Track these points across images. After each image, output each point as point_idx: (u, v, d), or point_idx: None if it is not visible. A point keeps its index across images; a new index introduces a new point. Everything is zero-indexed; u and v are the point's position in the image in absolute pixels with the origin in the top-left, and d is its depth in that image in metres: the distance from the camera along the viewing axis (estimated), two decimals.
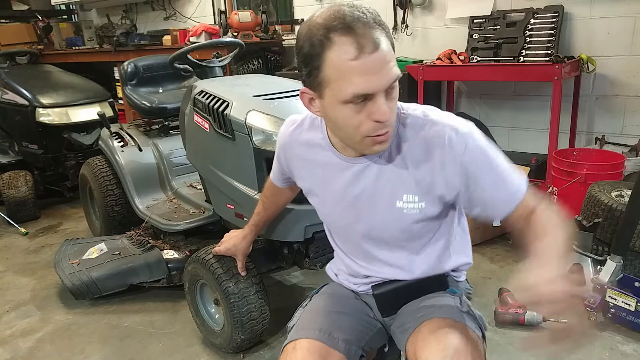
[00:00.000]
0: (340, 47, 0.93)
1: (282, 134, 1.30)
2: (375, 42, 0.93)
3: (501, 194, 1.07)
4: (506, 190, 1.07)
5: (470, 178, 1.05)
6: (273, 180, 1.47)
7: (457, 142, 1.04)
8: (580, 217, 2.33)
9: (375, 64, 0.93)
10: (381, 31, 0.95)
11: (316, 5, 4.31)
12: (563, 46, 3.18)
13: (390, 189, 1.11)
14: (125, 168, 2.71)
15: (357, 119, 0.98)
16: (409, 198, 1.11)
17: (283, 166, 1.34)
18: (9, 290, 2.67)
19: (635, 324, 2.00)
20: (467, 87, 3.80)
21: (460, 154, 1.04)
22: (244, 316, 1.83)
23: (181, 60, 2.41)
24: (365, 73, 0.93)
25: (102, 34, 5.54)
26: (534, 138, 3.51)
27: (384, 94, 0.97)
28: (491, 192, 1.07)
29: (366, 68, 0.93)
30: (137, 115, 3.51)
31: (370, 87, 0.95)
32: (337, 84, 0.96)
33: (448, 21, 3.67)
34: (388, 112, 0.98)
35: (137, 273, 2.37)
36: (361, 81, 0.94)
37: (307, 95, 1.06)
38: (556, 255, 0.97)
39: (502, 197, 1.07)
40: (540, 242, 1.02)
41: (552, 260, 0.96)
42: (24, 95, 3.59)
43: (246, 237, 1.69)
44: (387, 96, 0.98)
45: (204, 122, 2.01)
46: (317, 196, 1.25)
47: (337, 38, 0.93)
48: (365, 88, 0.94)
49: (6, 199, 3.52)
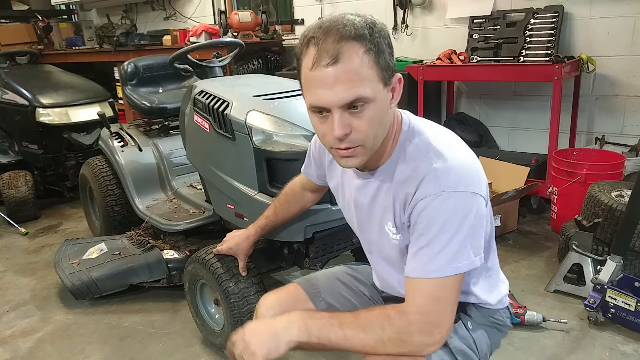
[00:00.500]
0: (306, 57, 0.95)
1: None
2: (335, 56, 0.91)
3: (415, 259, 1.00)
4: (418, 261, 0.99)
5: (412, 226, 1.02)
6: (307, 175, 1.46)
7: (428, 188, 0.98)
8: (580, 217, 2.33)
9: (329, 78, 0.92)
10: (356, 45, 0.91)
11: (316, 5, 4.32)
12: (563, 46, 3.18)
13: (381, 212, 1.11)
14: (125, 168, 2.71)
15: (321, 129, 1.00)
16: (390, 226, 1.10)
17: (317, 162, 1.37)
18: (9, 290, 2.67)
19: (635, 324, 2.00)
20: (467, 87, 3.80)
21: (420, 198, 0.99)
22: (244, 316, 1.83)
23: (181, 60, 2.41)
24: (319, 85, 0.93)
25: (102, 34, 5.54)
26: (534, 138, 3.51)
27: (341, 110, 0.94)
28: (413, 249, 1.02)
29: (319, 80, 0.93)
30: (137, 115, 3.51)
31: (321, 100, 0.94)
32: (305, 91, 0.99)
33: (448, 21, 3.67)
34: (340, 129, 0.94)
35: (137, 273, 2.37)
36: (315, 92, 0.95)
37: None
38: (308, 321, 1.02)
39: (413, 262, 1.01)
40: (361, 313, 1.03)
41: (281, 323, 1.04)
42: (24, 95, 3.59)
43: (249, 238, 1.69)
44: (352, 114, 0.95)
45: (204, 122, 2.01)
46: (339, 197, 1.28)
47: (310, 46, 0.94)
48: (317, 100, 0.95)
49: (6, 199, 3.51)
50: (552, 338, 2.03)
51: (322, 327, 1.01)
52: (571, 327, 2.08)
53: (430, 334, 0.98)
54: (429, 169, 0.99)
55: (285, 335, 1.02)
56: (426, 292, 0.98)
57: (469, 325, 1.17)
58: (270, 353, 1.02)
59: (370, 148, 1.00)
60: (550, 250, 2.76)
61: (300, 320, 1.03)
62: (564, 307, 2.23)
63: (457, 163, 1.00)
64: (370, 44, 0.93)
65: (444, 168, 0.98)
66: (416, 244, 1.00)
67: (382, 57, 0.95)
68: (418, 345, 0.98)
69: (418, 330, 0.97)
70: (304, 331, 1.02)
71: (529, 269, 2.56)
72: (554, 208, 2.93)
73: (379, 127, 0.99)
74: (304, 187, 1.52)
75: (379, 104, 0.97)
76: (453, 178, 0.97)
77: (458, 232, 0.96)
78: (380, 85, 0.96)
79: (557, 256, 2.62)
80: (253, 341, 1.04)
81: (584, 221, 2.27)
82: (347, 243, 2.03)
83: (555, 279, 2.34)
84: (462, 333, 1.14)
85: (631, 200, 1.97)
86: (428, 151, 1.02)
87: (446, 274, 0.97)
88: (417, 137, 1.06)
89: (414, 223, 1.01)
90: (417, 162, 1.02)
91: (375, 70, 0.94)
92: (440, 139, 1.05)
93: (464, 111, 3.83)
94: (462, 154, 1.04)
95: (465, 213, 0.97)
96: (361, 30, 0.92)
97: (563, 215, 2.81)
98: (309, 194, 1.54)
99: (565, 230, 2.51)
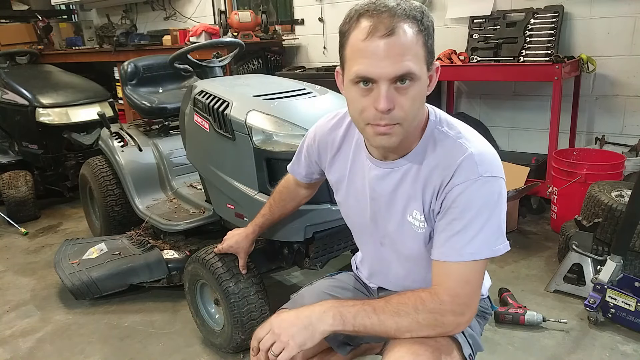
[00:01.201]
0: (359, 28, 0.96)
1: (322, 124, 1.31)
2: (391, 29, 0.92)
3: (449, 243, 1.01)
4: (453, 246, 1.01)
5: (443, 211, 1.03)
6: (293, 173, 1.46)
7: (466, 173, 0.99)
8: (580, 217, 2.33)
9: (383, 49, 0.93)
10: (410, 24, 0.94)
11: (316, 5, 4.31)
12: (563, 46, 3.18)
13: (404, 201, 1.11)
14: (125, 168, 2.71)
15: (361, 103, 0.99)
16: (416, 215, 1.10)
17: (313, 158, 1.35)
18: (9, 290, 2.67)
19: (635, 324, 2.00)
20: (467, 87, 3.80)
21: (457, 183, 1.00)
22: (244, 316, 1.83)
23: (181, 60, 2.41)
24: (370, 56, 0.94)
25: (102, 34, 5.54)
26: (534, 138, 3.51)
27: (389, 83, 0.95)
28: (444, 234, 1.03)
29: (372, 51, 0.94)
30: (137, 115, 3.51)
31: (372, 71, 0.94)
32: (350, 62, 0.98)
33: (448, 21, 3.67)
34: (387, 102, 0.94)
35: (137, 273, 2.37)
36: (365, 62, 0.95)
37: (339, 73, 1.08)
38: (351, 311, 1.02)
39: (445, 246, 1.02)
40: (394, 298, 1.04)
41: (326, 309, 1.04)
42: (24, 95, 3.59)
43: (249, 236, 1.69)
44: (398, 89, 0.96)
45: (204, 122, 2.01)
46: (342, 190, 1.27)
47: (361, 20, 0.96)
48: (367, 71, 0.95)
49: (6, 199, 3.51)
50: (552, 338, 2.03)
51: (356, 313, 1.02)
52: (571, 327, 2.08)
53: (462, 314, 1.02)
54: (465, 154, 1.01)
55: (320, 325, 1.03)
56: (458, 275, 1.01)
57: None
58: (306, 343, 1.02)
59: (407, 129, 1.01)
60: (550, 250, 2.76)
61: (334, 309, 1.04)
62: (564, 307, 2.23)
63: (488, 149, 1.04)
64: (422, 25, 0.96)
65: (479, 153, 1.01)
66: (449, 229, 1.01)
67: (430, 41, 0.98)
68: (451, 324, 1.02)
69: (451, 310, 1.01)
70: (338, 319, 1.03)
71: (529, 269, 2.56)
72: (554, 208, 2.93)
73: (419, 108, 1.02)
74: (298, 184, 1.51)
75: (423, 85, 0.99)
76: (488, 163, 1.01)
77: (492, 216, 0.99)
78: (425, 67, 0.98)
79: (557, 256, 2.62)
80: (285, 333, 1.03)
81: (584, 221, 2.27)
82: (347, 243, 2.03)
83: (555, 279, 2.34)
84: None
85: (631, 200, 1.97)
86: (459, 137, 1.04)
87: (483, 256, 1.00)
88: (446, 126, 1.08)
89: (447, 208, 1.02)
90: (450, 148, 1.04)
91: (424, 51, 0.97)
92: (466, 128, 1.08)
93: (464, 111, 3.83)
94: (486, 142, 1.07)
95: (498, 197, 1.00)
96: (414, 12, 0.95)
97: (563, 215, 2.81)
98: (303, 190, 1.53)
99: (565, 230, 2.51)
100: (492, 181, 1.00)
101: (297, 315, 1.06)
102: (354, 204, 1.24)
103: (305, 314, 1.05)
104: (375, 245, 1.26)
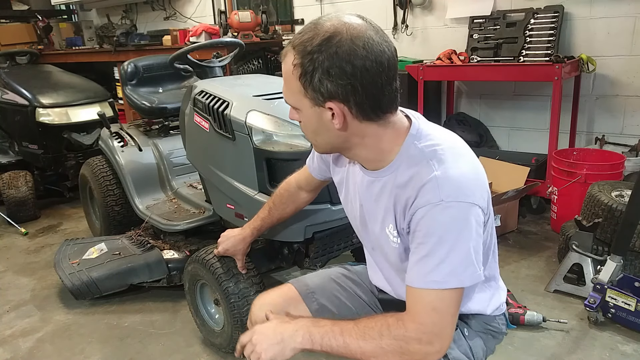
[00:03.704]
0: None
1: None
2: (283, 55, 1.00)
3: (416, 268, 0.98)
4: (419, 271, 0.97)
5: (412, 233, 1.01)
6: (309, 167, 1.44)
7: (428, 196, 0.95)
8: (580, 217, 2.33)
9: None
10: (292, 55, 0.97)
11: (316, 5, 4.32)
12: (563, 46, 3.18)
13: (383, 213, 1.09)
14: (125, 168, 2.71)
15: None
16: (391, 229, 1.08)
17: (325, 156, 1.35)
18: (9, 290, 2.67)
19: (635, 324, 2.00)
20: (467, 87, 3.80)
21: (420, 206, 0.96)
22: (244, 316, 1.83)
23: (181, 60, 2.41)
24: None
25: (102, 34, 5.53)
26: (534, 138, 3.51)
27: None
28: (413, 257, 1.00)
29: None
30: (137, 115, 3.51)
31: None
32: None
33: (448, 21, 3.67)
34: (290, 113, 1.08)
35: (137, 273, 2.37)
36: None
37: None
38: (321, 329, 1.04)
39: (413, 271, 0.99)
40: (363, 321, 1.04)
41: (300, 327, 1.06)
42: (24, 95, 3.59)
43: (245, 239, 1.68)
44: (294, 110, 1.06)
45: (204, 122, 2.01)
46: (342, 191, 1.28)
47: None
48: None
49: (6, 199, 3.51)
50: (552, 338, 2.03)
51: (324, 334, 1.03)
52: (571, 327, 2.08)
53: (430, 344, 0.96)
54: (429, 176, 0.96)
55: (291, 342, 1.06)
56: (425, 303, 0.96)
57: (466, 332, 1.17)
58: (276, 357, 1.05)
59: (318, 146, 1.11)
60: (550, 250, 2.76)
61: (304, 328, 1.06)
62: (564, 307, 2.23)
63: (458, 173, 0.97)
64: (305, 59, 0.94)
65: (445, 177, 0.96)
66: (417, 253, 0.98)
67: (315, 75, 0.94)
68: (417, 354, 0.97)
69: (416, 339, 0.96)
70: (307, 339, 1.05)
71: (529, 269, 2.56)
72: (554, 208, 2.93)
73: (315, 136, 1.07)
74: (300, 187, 1.51)
75: (308, 117, 1.02)
76: (453, 188, 0.95)
77: (458, 243, 0.94)
78: (306, 100, 0.99)
79: (557, 256, 2.62)
80: (260, 345, 1.07)
81: (584, 221, 2.27)
82: (347, 243, 2.03)
83: (555, 279, 2.34)
84: (459, 341, 1.15)
85: (631, 200, 1.97)
86: (431, 157, 0.99)
87: (449, 286, 0.95)
88: (423, 142, 1.02)
89: (414, 230, 0.99)
90: (419, 167, 0.99)
91: (300, 85, 0.97)
92: (446, 147, 1.01)
93: (464, 111, 3.83)
94: (466, 163, 1.00)
95: (464, 224, 0.95)
96: (305, 43, 0.94)
97: (563, 215, 2.81)
98: (304, 194, 1.53)
99: (565, 230, 2.51)
100: (456, 206, 0.94)
101: (275, 328, 1.09)
102: (350, 207, 1.25)
103: (280, 330, 1.08)
104: (368, 249, 1.27)
